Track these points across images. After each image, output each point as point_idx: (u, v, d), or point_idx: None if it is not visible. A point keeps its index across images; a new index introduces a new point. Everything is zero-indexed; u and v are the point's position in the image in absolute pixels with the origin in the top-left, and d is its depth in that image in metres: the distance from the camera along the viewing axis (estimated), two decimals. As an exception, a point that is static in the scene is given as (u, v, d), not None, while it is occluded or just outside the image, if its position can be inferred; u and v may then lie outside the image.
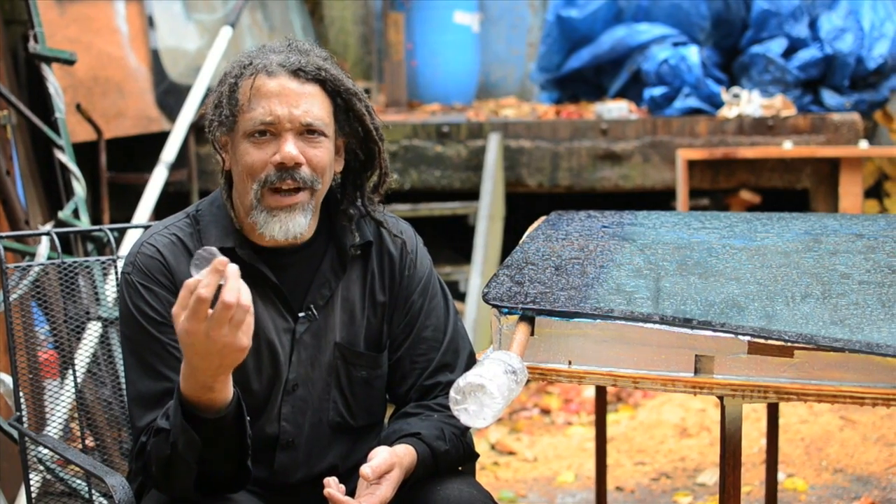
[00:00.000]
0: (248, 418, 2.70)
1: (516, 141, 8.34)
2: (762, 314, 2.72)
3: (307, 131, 2.85)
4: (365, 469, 2.72)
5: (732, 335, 2.65)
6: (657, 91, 8.57)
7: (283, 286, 2.93)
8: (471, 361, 3.09)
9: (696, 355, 2.68)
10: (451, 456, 2.97)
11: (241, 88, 2.87)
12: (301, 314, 2.96)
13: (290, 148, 2.81)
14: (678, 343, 2.69)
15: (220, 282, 2.43)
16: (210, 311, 2.43)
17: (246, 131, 2.85)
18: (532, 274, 3.00)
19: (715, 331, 2.66)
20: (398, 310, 3.09)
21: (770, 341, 2.63)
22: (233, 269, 2.44)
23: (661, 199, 8.29)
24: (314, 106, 2.85)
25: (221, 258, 2.43)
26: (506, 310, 2.82)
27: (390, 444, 2.87)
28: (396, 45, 9.98)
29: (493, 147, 8.15)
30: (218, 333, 2.45)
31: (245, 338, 2.47)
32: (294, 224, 2.85)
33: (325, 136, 2.88)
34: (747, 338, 2.65)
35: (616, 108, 8.53)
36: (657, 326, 2.70)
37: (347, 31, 10.98)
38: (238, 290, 2.44)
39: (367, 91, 7.29)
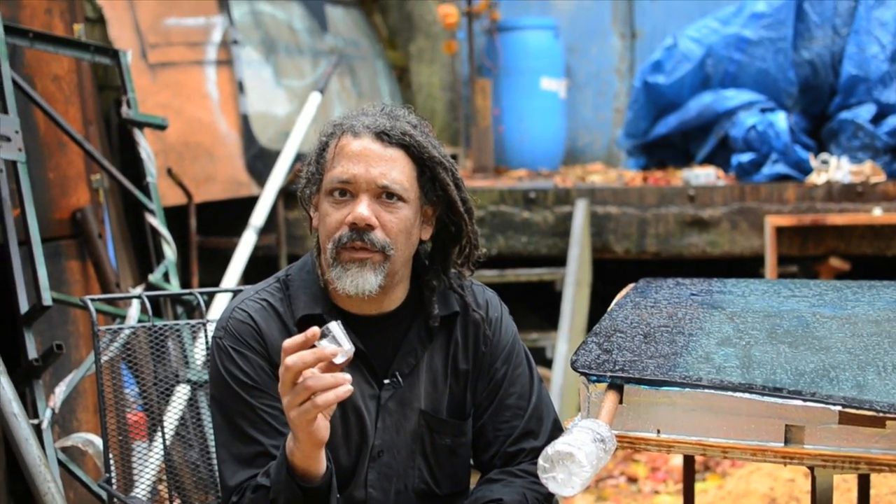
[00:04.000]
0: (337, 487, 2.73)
1: (603, 207, 8.33)
2: (853, 384, 2.69)
3: (385, 195, 2.85)
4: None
5: (823, 405, 2.62)
6: (745, 157, 8.54)
7: (369, 353, 2.94)
8: (555, 428, 3.08)
9: (787, 425, 2.65)
10: (533, 521, 2.96)
11: (329, 148, 2.90)
12: (386, 381, 2.97)
13: (363, 209, 2.82)
14: (768, 412, 2.66)
15: (316, 356, 2.48)
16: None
17: (327, 190, 2.88)
18: (620, 342, 2.98)
19: (805, 400, 2.63)
20: (482, 378, 3.08)
21: (861, 411, 2.59)
22: (311, 336, 2.49)
23: (749, 266, 8.23)
24: (394, 170, 2.85)
25: (314, 330, 2.48)
26: (594, 377, 2.80)
27: (473, 511, 2.87)
28: (483, 111, 10.02)
29: (580, 213, 8.14)
30: (285, 400, 2.52)
31: (310, 412, 2.52)
32: (364, 280, 2.84)
33: (404, 201, 2.87)
34: (838, 408, 2.61)
35: (703, 175, 8.50)
36: (747, 395, 2.68)
37: (435, 96, 11.05)
38: (300, 358, 2.49)
39: (455, 157, 7.32)
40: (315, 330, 2.48)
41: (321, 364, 2.51)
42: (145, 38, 7.55)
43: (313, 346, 2.50)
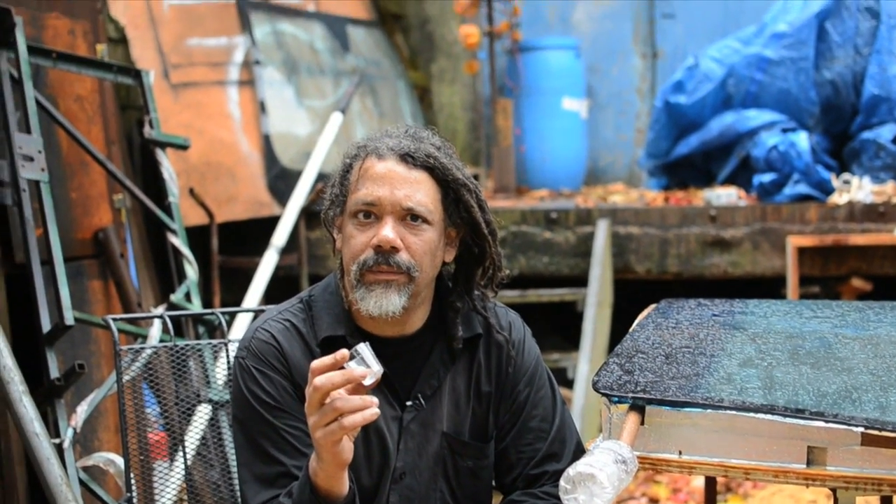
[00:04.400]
0: None
1: (625, 227, 8.33)
2: (876, 405, 2.68)
3: (409, 217, 2.85)
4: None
5: (846, 426, 2.61)
6: (766, 177, 8.53)
7: (392, 374, 2.94)
8: (578, 451, 3.08)
9: (809, 446, 2.64)
10: (554, 542, 2.96)
11: (354, 169, 2.91)
12: (409, 403, 2.97)
13: (388, 231, 2.82)
14: (790, 434, 2.66)
15: (345, 377, 2.50)
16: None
17: (351, 212, 2.88)
18: (642, 362, 2.98)
19: (828, 422, 2.62)
20: (504, 400, 3.08)
21: (884, 433, 2.59)
22: (340, 358, 2.50)
23: (770, 287, 8.21)
24: (418, 192, 2.86)
25: (343, 352, 2.50)
26: (616, 398, 2.80)
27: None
28: (505, 131, 10.03)
29: (602, 233, 8.14)
30: (312, 420, 2.54)
31: (336, 433, 2.53)
32: (388, 301, 2.84)
33: (429, 223, 2.87)
34: (861, 429, 2.60)
35: (725, 195, 8.49)
36: (769, 417, 2.67)
37: (456, 117, 11.06)
38: (329, 379, 2.50)
39: (476, 177, 7.33)
40: (344, 352, 2.50)
41: (349, 385, 2.51)
42: (168, 59, 7.58)
43: (342, 367, 2.51)
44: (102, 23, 6.34)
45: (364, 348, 2.55)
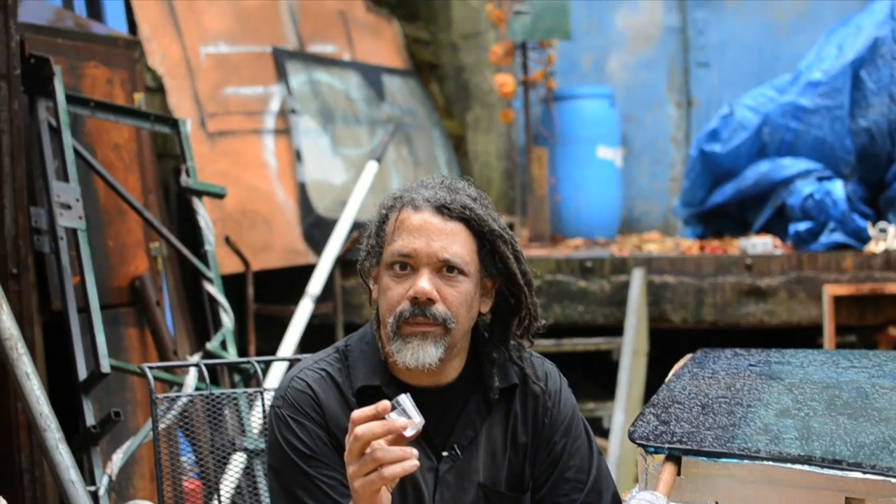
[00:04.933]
0: None
1: (660, 276, 8.31)
2: (914, 456, 2.67)
3: (445, 268, 2.85)
4: None
5: (884, 477, 2.60)
6: (802, 226, 8.50)
7: (427, 424, 2.93)
8: (614, 502, 3.06)
9: (846, 497, 2.63)
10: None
11: (390, 220, 2.91)
12: (445, 453, 2.96)
13: (424, 283, 2.82)
14: (828, 485, 2.64)
15: (386, 428, 2.52)
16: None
17: (387, 263, 2.88)
18: (678, 413, 2.97)
19: (865, 472, 2.61)
20: (541, 451, 3.06)
21: (923, 485, 2.57)
22: (381, 409, 2.51)
23: (807, 336, 8.17)
24: (454, 243, 2.86)
25: (385, 403, 2.51)
26: (652, 449, 2.79)
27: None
28: (540, 180, 10.04)
29: (637, 282, 8.12)
30: (351, 469, 2.54)
31: (375, 483, 2.53)
32: (425, 353, 2.83)
33: (465, 274, 2.87)
34: (899, 480, 2.59)
35: (761, 243, 8.46)
36: (806, 468, 2.66)
37: (491, 165, 11.08)
38: (370, 429, 2.50)
39: (511, 225, 7.33)
40: (386, 403, 2.51)
41: (389, 436, 2.52)
42: (204, 108, 7.64)
43: (382, 417, 2.51)
44: (140, 72, 6.39)
45: (405, 399, 2.55)
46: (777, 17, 10.95)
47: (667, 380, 3.36)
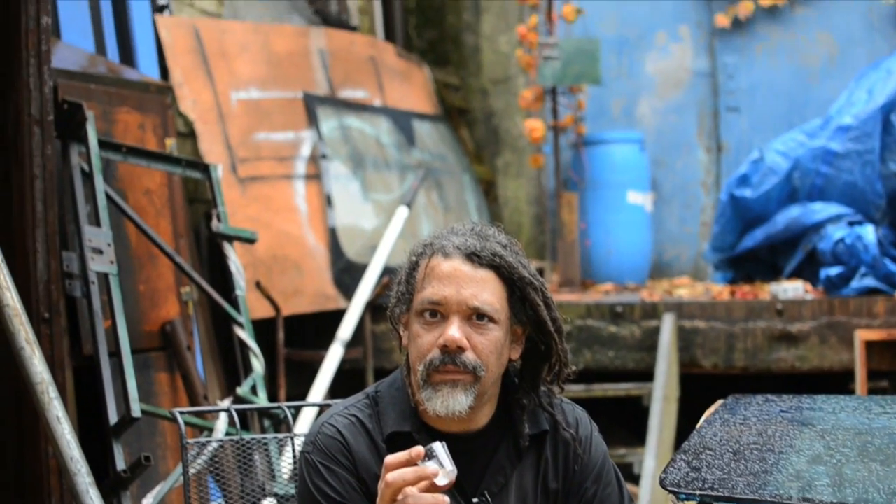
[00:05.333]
0: None
1: (691, 321, 8.29)
2: (949, 504, 2.65)
3: (475, 316, 2.85)
4: None
5: (918, 525, 2.58)
6: (833, 271, 8.47)
7: (458, 471, 2.92)
8: (646, 546, 3.06)
9: (880, 546, 2.62)
10: None
11: (420, 267, 2.92)
12: (475, 500, 2.95)
13: (454, 331, 2.82)
14: (861, 532, 2.63)
15: (417, 475, 2.54)
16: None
17: (417, 310, 2.89)
18: (710, 459, 2.96)
19: (899, 521, 2.60)
20: (572, 497, 3.05)
21: (958, 533, 2.56)
22: (415, 455, 2.54)
23: (838, 381, 8.12)
24: (484, 291, 2.86)
25: (419, 449, 2.54)
26: (683, 496, 2.78)
27: None
28: (570, 225, 10.03)
29: (668, 327, 8.10)
30: None
31: None
32: (455, 402, 2.84)
33: (495, 322, 2.87)
34: (933, 529, 2.57)
35: (791, 288, 8.44)
36: (839, 515, 2.65)
37: (521, 210, 11.10)
38: (402, 475, 2.52)
39: (541, 270, 7.33)
40: (419, 450, 2.51)
41: (422, 484, 2.52)
42: (235, 153, 7.67)
43: (415, 464, 2.52)
44: (172, 117, 6.43)
45: (439, 448, 2.55)
46: (807, 61, 10.94)
47: (698, 426, 3.35)
